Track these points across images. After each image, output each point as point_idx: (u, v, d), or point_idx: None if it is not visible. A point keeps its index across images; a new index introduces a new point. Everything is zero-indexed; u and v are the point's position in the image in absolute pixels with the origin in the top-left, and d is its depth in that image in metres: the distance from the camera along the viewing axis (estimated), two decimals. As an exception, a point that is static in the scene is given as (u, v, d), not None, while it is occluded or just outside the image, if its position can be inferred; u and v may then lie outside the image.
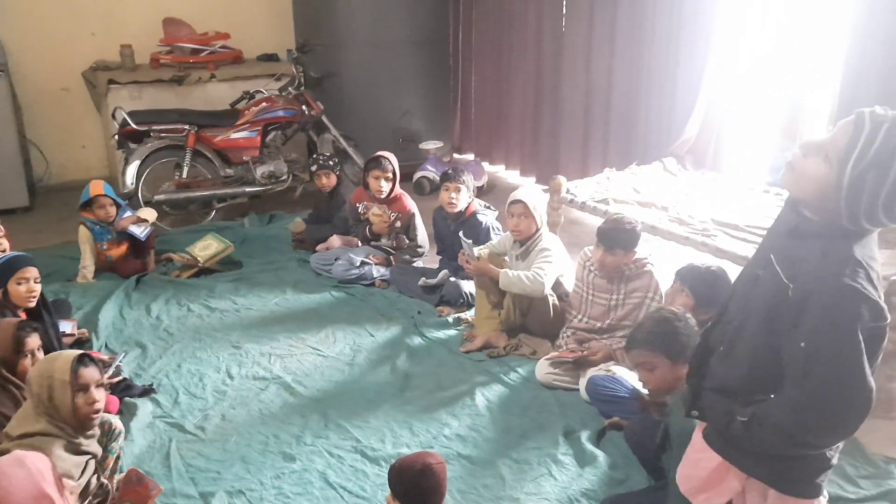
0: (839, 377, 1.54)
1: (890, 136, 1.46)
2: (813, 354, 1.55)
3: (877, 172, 1.46)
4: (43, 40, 5.98)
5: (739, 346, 1.75)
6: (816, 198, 1.58)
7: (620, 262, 3.21)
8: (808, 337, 1.55)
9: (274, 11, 6.67)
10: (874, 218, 1.50)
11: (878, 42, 3.64)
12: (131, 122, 4.95)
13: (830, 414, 1.58)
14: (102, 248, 4.33)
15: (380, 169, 4.34)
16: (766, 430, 1.66)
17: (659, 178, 4.52)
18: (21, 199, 5.63)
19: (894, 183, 1.45)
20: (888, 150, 1.45)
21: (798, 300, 1.57)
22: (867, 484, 2.61)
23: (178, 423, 2.99)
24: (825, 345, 1.54)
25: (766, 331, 1.68)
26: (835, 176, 1.51)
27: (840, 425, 1.61)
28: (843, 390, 1.55)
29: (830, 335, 1.53)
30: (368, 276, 4.29)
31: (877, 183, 1.46)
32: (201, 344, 3.64)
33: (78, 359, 2.25)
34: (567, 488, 2.60)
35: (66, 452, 2.16)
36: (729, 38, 4.49)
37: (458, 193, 4.04)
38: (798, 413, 1.60)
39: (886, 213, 1.49)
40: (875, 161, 1.46)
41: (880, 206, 1.48)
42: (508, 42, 6.15)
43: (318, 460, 2.76)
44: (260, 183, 5.31)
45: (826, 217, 1.58)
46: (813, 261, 1.56)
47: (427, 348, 3.59)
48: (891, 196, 1.46)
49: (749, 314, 1.74)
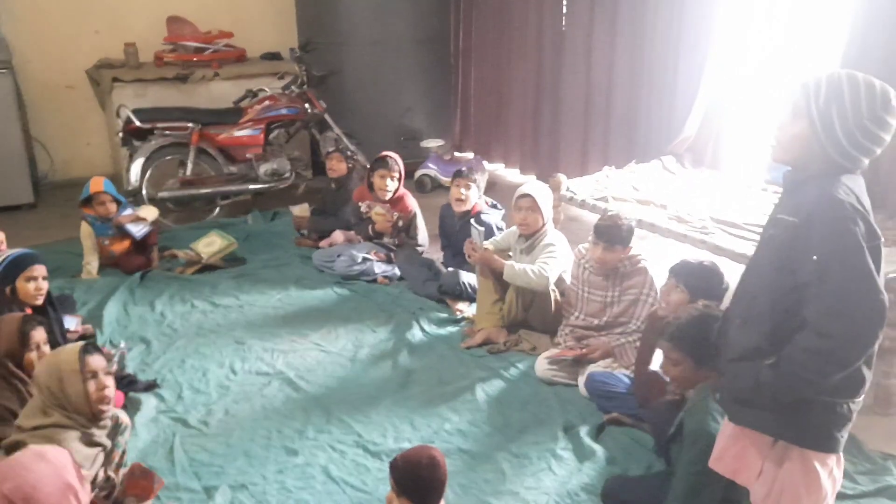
0: (852, 277, 1.68)
1: (830, 79, 1.75)
2: (826, 262, 1.69)
3: (835, 100, 1.72)
4: (47, 38, 6.01)
5: (758, 307, 1.85)
6: (803, 152, 1.80)
7: (619, 258, 3.24)
8: (818, 249, 1.70)
9: (277, 10, 6.69)
10: (854, 139, 1.72)
11: (878, 39, 3.66)
12: (135, 119, 4.98)
13: (849, 320, 1.68)
14: (105, 244, 4.36)
15: (386, 168, 4.37)
16: (796, 362, 1.74)
17: (658, 176, 4.54)
18: (26, 195, 5.66)
19: (852, 102, 1.71)
20: (834, 85, 1.74)
21: (803, 223, 1.74)
22: (865, 480, 2.63)
23: (181, 417, 3.02)
24: (834, 250, 1.69)
25: (782, 276, 1.79)
26: (807, 123, 1.76)
27: (861, 332, 1.70)
28: (858, 289, 1.68)
29: (837, 241, 1.69)
30: (370, 272, 4.32)
31: (839, 107, 1.72)
32: (205, 340, 3.67)
33: (83, 348, 2.30)
34: (566, 482, 2.63)
35: (80, 444, 2.20)
36: (728, 36, 4.51)
37: (467, 190, 4.06)
38: (820, 325, 1.70)
39: (861, 130, 1.71)
40: (828, 94, 1.73)
41: (853, 124, 1.71)
42: (509, 40, 6.17)
43: (320, 455, 2.79)
44: (263, 180, 5.33)
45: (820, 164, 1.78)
46: (810, 196, 1.76)
47: (428, 344, 3.62)
48: (856, 111, 1.71)
49: (763, 272, 1.86)
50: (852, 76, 1.74)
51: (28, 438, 2.17)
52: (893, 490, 2.58)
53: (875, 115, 1.71)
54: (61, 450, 1.94)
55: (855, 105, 1.71)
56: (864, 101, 1.71)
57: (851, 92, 1.72)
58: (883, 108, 1.71)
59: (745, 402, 1.90)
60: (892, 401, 3.03)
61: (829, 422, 1.84)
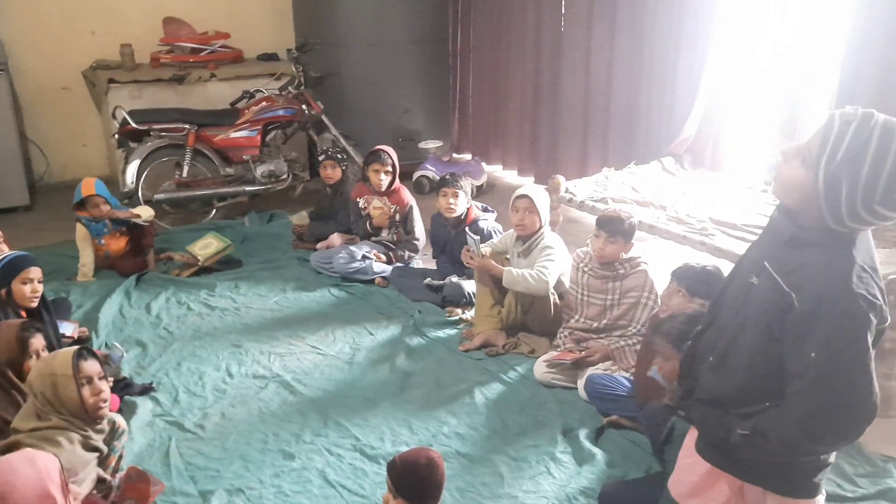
0: (852, 384, 1.54)
1: (859, 133, 1.45)
2: (825, 363, 1.54)
3: (850, 170, 1.45)
4: (43, 39, 5.99)
5: (734, 357, 1.72)
6: (803, 204, 1.58)
7: (620, 251, 3.23)
8: (819, 346, 1.53)
9: (274, 11, 6.67)
10: (857, 216, 1.49)
11: (876, 40, 3.65)
12: (131, 121, 4.95)
13: (841, 422, 1.58)
14: (101, 244, 4.33)
15: (379, 162, 4.38)
16: (771, 442, 1.65)
17: (657, 178, 4.53)
18: (22, 197, 5.63)
19: (868, 179, 1.45)
20: (857, 147, 1.45)
21: (806, 310, 1.55)
22: (865, 482, 2.62)
23: (177, 421, 3.00)
24: (838, 353, 1.53)
25: (766, 341, 1.65)
26: (812, 178, 1.51)
27: (850, 431, 1.62)
28: (855, 397, 1.55)
29: (843, 343, 1.52)
30: (369, 271, 4.30)
31: (852, 180, 1.46)
32: (201, 342, 3.65)
33: (77, 353, 2.28)
34: (565, 486, 2.61)
35: (80, 447, 2.19)
36: (728, 37, 4.50)
37: (455, 199, 4.06)
38: (806, 422, 1.59)
39: (867, 210, 1.48)
40: (846, 158, 1.46)
41: (859, 204, 1.47)
42: (507, 42, 6.16)
43: (317, 458, 2.77)
44: (260, 182, 5.32)
45: (820, 223, 1.57)
46: (816, 270, 1.55)
47: (426, 347, 3.60)
48: (868, 192, 1.45)
49: (745, 323, 1.71)
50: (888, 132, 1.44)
51: (25, 439, 2.15)
52: (893, 492, 2.57)
53: (890, 198, 1.45)
54: (52, 458, 1.92)
55: (872, 181, 1.44)
56: (885, 178, 1.43)
57: (874, 161, 1.43)
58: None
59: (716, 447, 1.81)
60: (893, 403, 3.01)
61: (807, 471, 1.75)
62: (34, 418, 2.22)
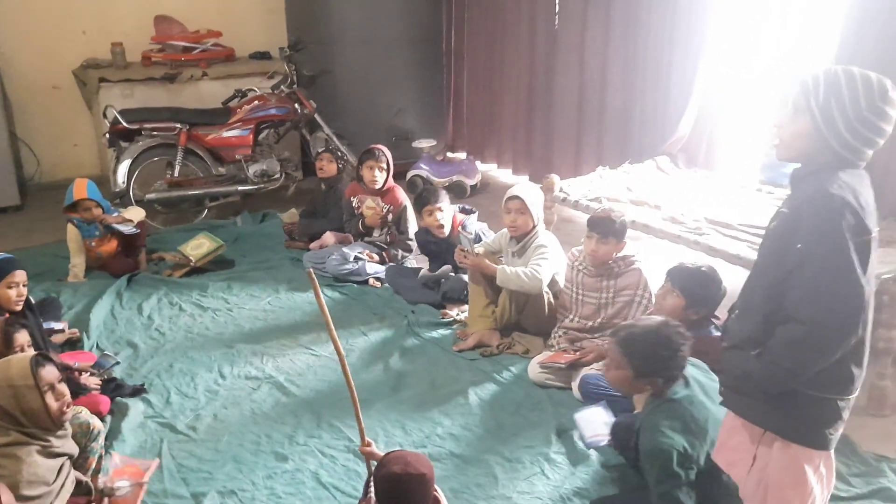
0: (831, 267, 1.70)
1: (827, 74, 1.78)
2: (807, 252, 1.73)
3: (834, 93, 1.75)
4: (33, 38, 5.95)
5: (754, 298, 1.89)
6: (807, 148, 1.81)
7: (612, 251, 3.22)
8: (804, 239, 1.74)
9: (266, 9, 6.65)
10: (854, 130, 1.74)
11: (871, 40, 3.65)
12: (122, 120, 4.93)
13: (826, 302, 1.70)
14: (91, 245, 4.30)
15: (373, 159, 4.36)
16: (777, 351, 1.78)
17: (652, 177, 4.53)
18: (12, 197, 5.60)
19: (850, 95, 1.74)
20: (831, 80, 1.77)
21: (794, 217, 1.78)
22: (859, 482, 2.62)
23: (169, 423, 2.98)
24: (817, 242, 1.72)
25: (776, 265, 1.82)
26: (808, 119, 1.78)
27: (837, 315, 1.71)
28: (835, 278, 1.70)
29: (821, 233, 1.71)
30: (362, 272, 4.28)
31: (838, 99, 1.75)
32: (193, 343, 3.63)
33: (34, 361, 2.15)
34: (560, 487, 2.60)
35: (41, 457, 2.11)
36: (722, 36, 4.50)
37: (441, 213, 4.03)
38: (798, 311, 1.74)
39: (860, 121, 1.74)
40: (827, 89, 1.76)
41: (852, 116, 1.74)
42: (501, 40, 6.14)
43: (310, 460, 2.76)
44: (252, 181, 5.29)
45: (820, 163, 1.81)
46: (807, 190, 1.79)
47: (420, 347, 3.58)
48: (854, 103, 1.74)
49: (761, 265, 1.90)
50: (848, 71, 1.78)
51: None
52: (887, 492, 2.57)
53: (874, 105, 1.74)
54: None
55: (854, 98, 1.74)
56: (863, 93, 1.74)
57: (849, 85, 1.75)
58: (881, 99, 1.74)
59: (737, 389, 1.93)
60: (886, 402, 3.02)
61: (817, 417, 1.84)
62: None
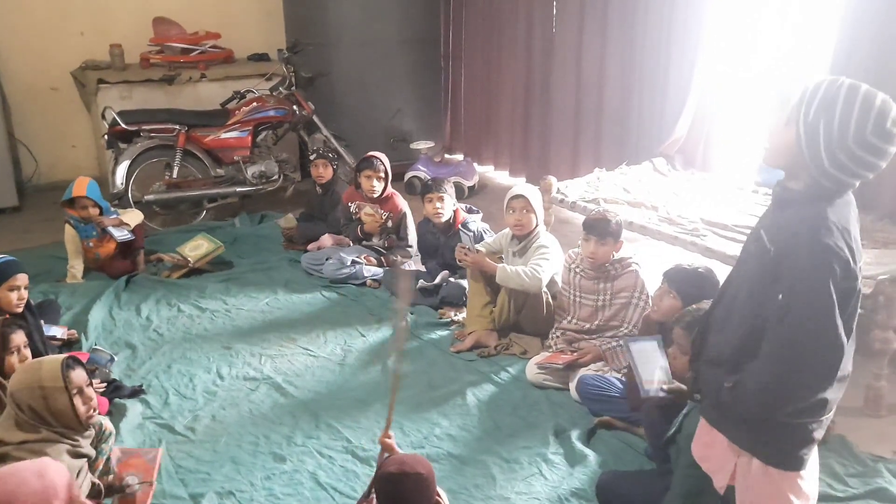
0: (812, 326, 1.63)
1: (828, 89, 1.65)
2: (788, 305, 1.65)
3: (825, 116, 1.63)
4: (32, 39, 5.95)
5: (732, 318, 1.83)
6: (792, 162, 1.73)
7: (611, 251, 3.24)
8: (785, 290, 1.66)
9: (265, 11, 6.65)
10: (836, 160, 1.63)
11: (867, 39, 3.66)
12: (121, 121, 4.92)
13: (802, 363, 1.65)
14: (89, 246, 4.30)
15: (371, 169, 4.35)
16: (749, 391, 1.73)
17: (649, 178, 4.54)
18: (10, 198, 5.60)
19: (841, 121, 1.61)
20: (829, 98, 1.63)
21: (776, 259, 1.69)
22: (855, 482, 2.62)
23: (167, 423, 2.98)
24: (800, 295, 1.64)
25: (753, 298, 1.76)
26: (794, 132, 1.67)
27: (812, 376, 1.67)
28: (814, 339, 1.63)
29: (805, 287, 1.63)
30: (359, 275, 4.28)
31: (827, 123, 1.62)
32: (191, 344, 3.63)
33: (65, 364, 2.23)
34: (557, 487, 2.60)
35: (69, 457, 2.16)
36: (719, 38, 4.51)
37: (441, 203, 4.04)
38: (773, 364, 1.68)
39: (844, 151, 1.61)
40: (820, 108, 1.63)
41: (836, 145, 1.61)
42: (499, 42, 6.15)
43: (308, 461, 2.76)
44: (251, 183, 5.29)
45: (803, 181, 1.71)
46: (791, 223, 1.69)
47: (418, 348, 3.58)
48: (842, 133, 1.61)
49: (740, 286, 1.84)
50: (854, 88, 1.63)
51: (13, 452, 2.11)
52: (884, 492, 2.57)
53: (862, 138, 1.59)
54: (64, 473, 1.88)
55: (843, 123, 1.60)
56: (855, 120, 1.59)
57: (844, 107, 1.61)
58: (874, 133, 1.59)
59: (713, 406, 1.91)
60: (882, 403, 3.03)
61: (790, 441, 1.79)
62: (17, 429, 2.17)
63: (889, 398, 3.04)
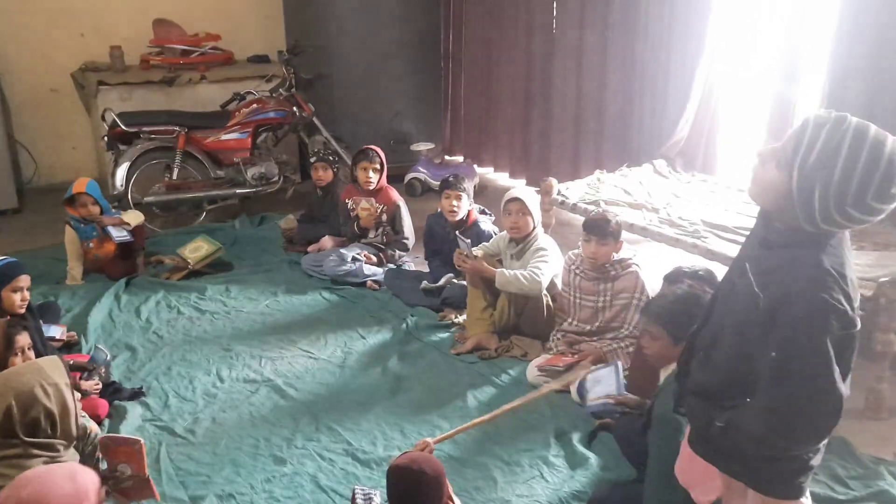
0: (808, 386, 1.56)
1: (831, 136, 1.47)
2: (782, 364, 1.57)
3: (823, 172, 1.47)
4: (32, 41, 5.95)
5: (717, 353, 1.77)
6: (777, 206, 1.59)
7: (612, 252, 3.24)
8: (778, 347, 1.57)
9: (265, 13, 6.65)
10: (830, 219, 1.49)
11: (865, 39, 3.66)
12: (121, 123, 4.93)
13: (800, 421, 1.60)
14: (89, 247, 4.29)
15: (368, 160, 4.39)
16: (741, 436, 1.69)
17: (649, 180, 4.54)
18: (10, 200, 5.60)
19: (841, 181, 1.46)
20: (830, 150, 1.46)
21: (768, 311, 1.58)
22: (857, 485, 2.62)
23: (167, 426, 2.98)
24: (794, 355, 1.56)
25: (740, 339, 1.69)
26: (786, 181, 1.52)
27: (810, 432, 1.64)
28: (812, 399, 1.57)
29: (800, 346, 1.54)
30: (359, 273, 4.27)
31: (824, 182, 1.46)
32: (191, 347, 3.62)
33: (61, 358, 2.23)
34: (558, 490, 2.60)
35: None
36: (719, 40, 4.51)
37: (458, 201, 4.03)
38: (769, 420, 1.63)
39: (839, 212, 1.48)
40: (819, 160, 1.47)
41: (832, 206, 1.47)
42: (499, 44, 6.15)
43: (308, 463, 2.75)
44: (251, 184, 5.29)
45: (791, 225, 1.58)
46: (782, 272, 1.58)
47: (418, 350, 3.58)
48: (840, 194, 1.46)
49: (725, 322, 1.76)
50: (859, 137, 1.45)
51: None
52: (886, 495, 2.57)
53: (862, 201, 1.45)
54: (93, 478, 1.89)
55: (843, 183, 1.45)
56: (857, 180, 1.44)
57: (847, 163, 1.44)
58: (876, 197, 1.45)
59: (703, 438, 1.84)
60: (883, 405, 3.02)
61: (788, 471, 1.73)
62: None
63: (891, 401, 3.04)
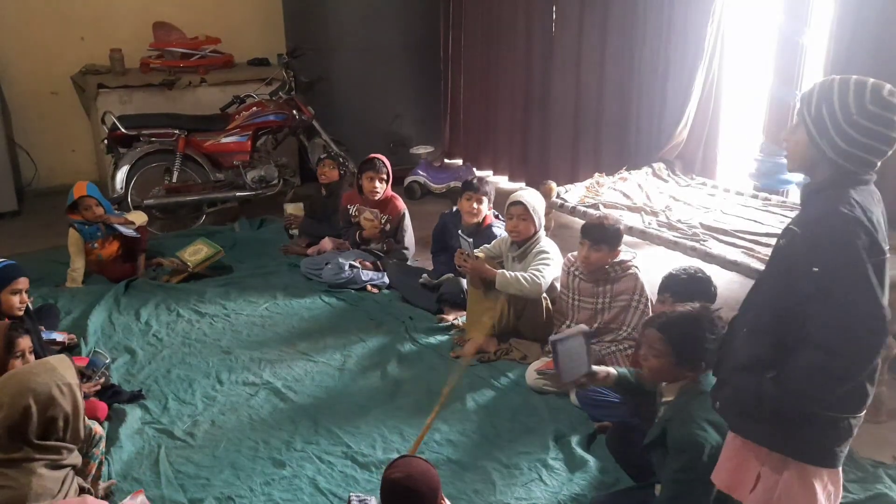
0: (854, 291, 1.68)
1: (823, 84, 1.81)
2: (827, 275, 1.70)
3: (826, 104, 1.76)
4: (32, 44, 5.96)
5: (764, 317, 1.85)
6: (807, 159, 1.84)
7: (605, 258, 3.23)
8: (820, 261, 1.71)
9: (265, 16, 6.66)
10: (850, 138, 1.73)
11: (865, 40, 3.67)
12: (121, 126, 4.93)
13: (851, 330, 1.68)
14: (93, 248, 4.29)
15: (374, 170, 4.36)
16: (799, 377, 1.74)
17: (648, 183, 4.54)
18: (9, 203, 5.60)
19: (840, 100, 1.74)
20: (825, 89, 1.79)
21: (806, 237, 1.76)
22: (856, 488, 2.62)
23: (167, 429, 2.98)
24: (835, 263, 1.69)
25: (787, 286, 1.79)
26: (804, 129, 1.81)
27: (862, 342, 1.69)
28: (859, 304, 1.68)
29: (838, 255, 1.70)
30: (358, 280, 4.28)
31: (828, 102, 1.76)
32: (191, 349, 3.62)
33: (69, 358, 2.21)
34: (557, 493, 2.60)
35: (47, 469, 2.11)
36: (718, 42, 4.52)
37: (480, 204, 3.99)
38: (822, 339, 1.70)
39: (849, 123, 1.73)
40: (820, 98, 1.78)
41: (841, 119, 1.74)
42: (498, 47, 6.16)
43: (308, 466, 2.75)
44: (250, 187, 5.30)
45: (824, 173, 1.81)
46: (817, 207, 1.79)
47: (418, 353, 3.58)
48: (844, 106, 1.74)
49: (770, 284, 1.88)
50: (844, 78, 1.78)
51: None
52: (885, 498, 2.58)
53: (864, 109, 1.72)
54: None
55: (843, 104, 1.74)
56: (853, 98, 1.73)
57: (840, 92, 1.75)
58: (873, 102, 1.72)
59: (746, 413, 1.88)
60: (882, 408, 3.03)
61: (830, 437, 1.83)
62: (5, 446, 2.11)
63: (889, 404, 3.05)
